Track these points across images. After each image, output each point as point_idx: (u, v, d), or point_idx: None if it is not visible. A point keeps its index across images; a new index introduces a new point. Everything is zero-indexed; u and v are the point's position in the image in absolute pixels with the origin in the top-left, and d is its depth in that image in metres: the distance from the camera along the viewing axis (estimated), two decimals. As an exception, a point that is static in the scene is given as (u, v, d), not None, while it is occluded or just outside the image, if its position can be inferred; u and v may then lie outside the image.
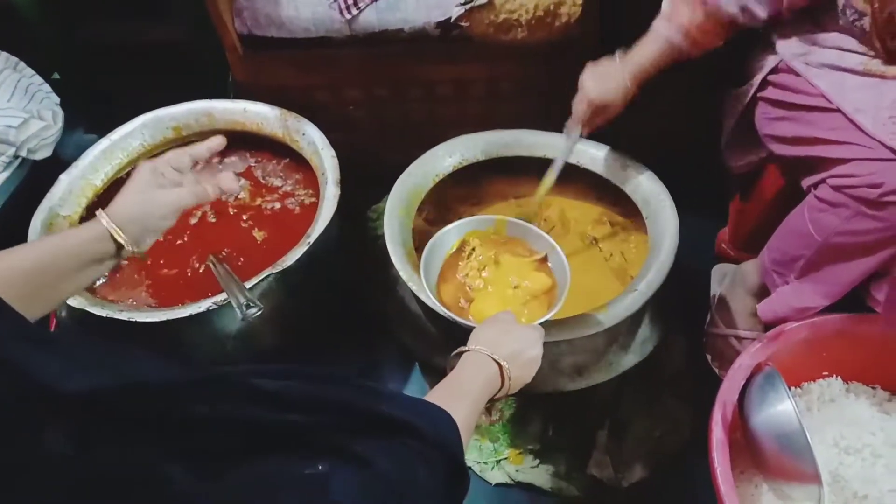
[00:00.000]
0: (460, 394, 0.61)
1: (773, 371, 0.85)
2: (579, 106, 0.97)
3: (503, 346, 0.66)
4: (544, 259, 0.87)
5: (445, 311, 0.82)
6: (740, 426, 0.87)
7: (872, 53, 0.80)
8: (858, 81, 0.80)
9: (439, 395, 0.60)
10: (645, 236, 1.07)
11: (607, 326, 0.85)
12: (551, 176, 1.01)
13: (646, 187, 1.01)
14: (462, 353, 0.67)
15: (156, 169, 0.69)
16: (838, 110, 0.80)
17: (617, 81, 0.93)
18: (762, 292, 1.00)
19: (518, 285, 0.88)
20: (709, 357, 1.09)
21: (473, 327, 0.72)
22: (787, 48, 0.87)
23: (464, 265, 0.89)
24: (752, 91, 0.92)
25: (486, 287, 0.87)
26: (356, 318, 1.14)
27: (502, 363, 0.65)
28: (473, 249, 0.89)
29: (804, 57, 0.85)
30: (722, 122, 1.07)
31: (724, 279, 1.12)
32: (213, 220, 1.09)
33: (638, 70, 0.93)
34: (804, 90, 0.84)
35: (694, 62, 1.18)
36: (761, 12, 0.85)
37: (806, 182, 0.86)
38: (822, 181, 0.82)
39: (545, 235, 0.86)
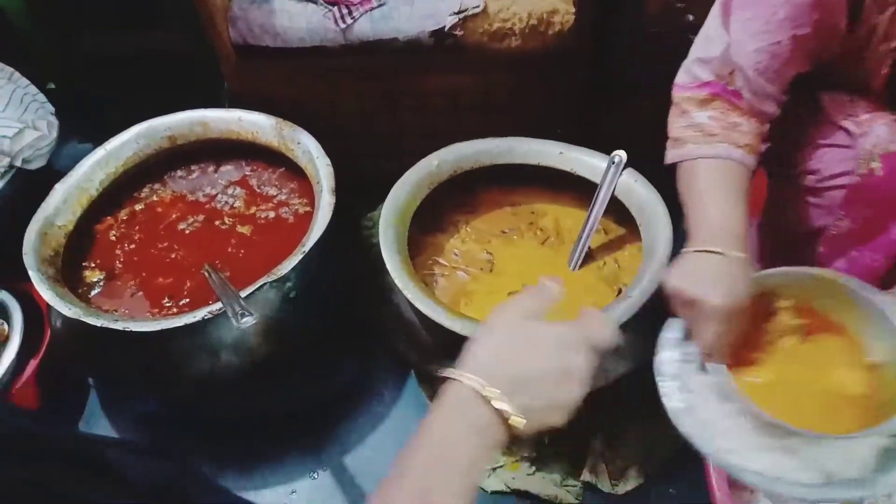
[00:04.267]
0: (440, 470, 0.43)
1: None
2: (708, 330, 0.69)
3: (505, 366, 0.46)
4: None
5: (441, 316, 0.82)
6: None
7: None
8: None
9: (413, 480, 0.43)
10: (639, 243, 1.07)
11: (602, 333, 0.85)
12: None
13: (640, 194, 1.02)
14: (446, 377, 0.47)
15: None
16: None
17: (739, 273, 0.69)
18: None
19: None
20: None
21: (465, 336, 0.68)
22: None
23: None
24: None
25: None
26: (351, 327, 1.14)
27: (497, 403, 0.45)
28: None
29: None
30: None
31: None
32: (208, 230, 1.09)
33: (743, 237, 0.72)
34: None
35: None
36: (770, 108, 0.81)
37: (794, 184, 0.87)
38: (816, 185, 0.83)
39: None
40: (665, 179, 1.06)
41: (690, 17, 1.11)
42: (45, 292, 0.92)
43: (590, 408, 1.02)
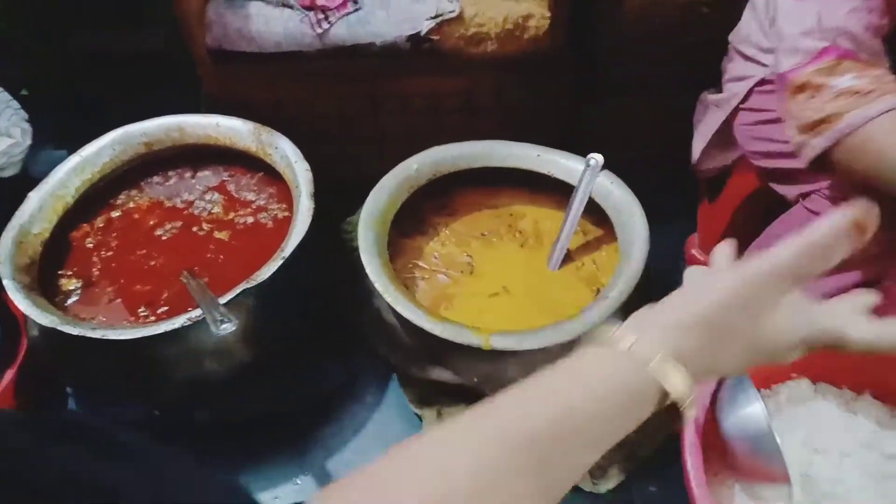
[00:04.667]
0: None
1: (742, 374, 0.87)
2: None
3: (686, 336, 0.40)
4: None
5: (422, 319, 0.83)
6: (713, 429, 0.89)
7: None
8: None
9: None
10: (615, 244, 1.08)
11: (580, 334, 0.87)
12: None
13: (616, 195, 1.03)
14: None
15: None
16: None
17: None
18: None
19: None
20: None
21: (446, 339, 0.68)
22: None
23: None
24: (737, 102, 0.93)
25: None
26: (333, 331, 1.14)
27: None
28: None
29: None
30: (692, 128, 1.09)
31: (694, 284, 1.14)
32: (186, 236, 1.08)
33: None
34: None
35: (663, 68, 1.21)
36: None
37: (793, 192, 0.85)
38: (814, 192, 0.82)
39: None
40: (642, 181, 1.08)
41: (705, 10, 1.11)
42: (21, 302, 0.91)
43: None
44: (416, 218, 1.15)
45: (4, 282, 0.93)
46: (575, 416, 0.37)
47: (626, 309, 0.91)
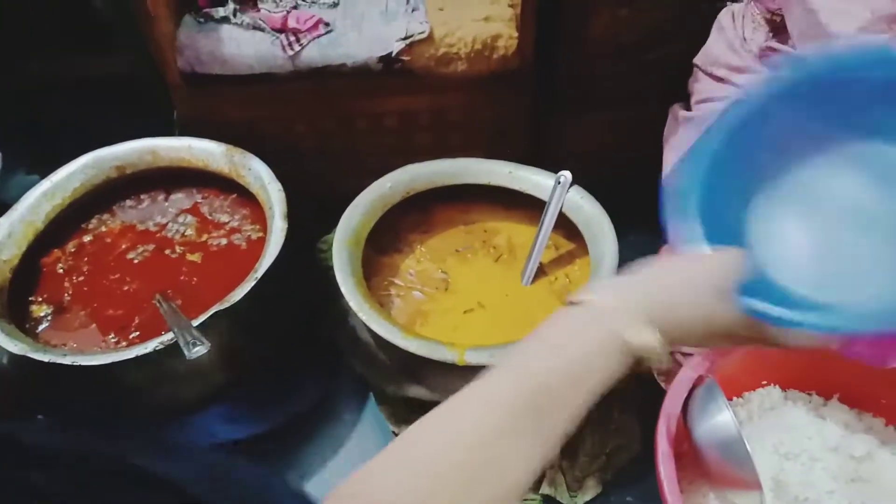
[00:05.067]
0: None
1: (712, 383, 0.88)
2: None
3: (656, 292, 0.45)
4: None
5: (396, 336, 0.83)
6: (686, 438, 0.90)
7: None
8: None
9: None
10: (587, 258, 1.10)
11: (553, 347, 0.87)
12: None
13: (586, 210, 1.05)
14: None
15: None
16: None
17: None
18: None
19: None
20: (654, 372, 1.12)
21: (421, 356, 0.70)
22: (748, 81, 0.89)
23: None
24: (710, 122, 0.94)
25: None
26: (309, 351, 1.14)
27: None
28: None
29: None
30: (660, 141, 1.11)
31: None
32: (159, 259, 1.08)
33: None
34: None
35: (626, 84, 1.23)
36: None
37: None
38: None
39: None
40: (611, 195, 1.10)
41: (668, 27, 1.12)
42: (-10, 330, 0.90)
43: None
44: (391, 236, 1.16)
45: (-27, 310, 0.92)
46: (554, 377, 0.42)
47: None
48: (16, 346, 0.88)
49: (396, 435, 1.07)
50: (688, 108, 1.03)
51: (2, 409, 1.05)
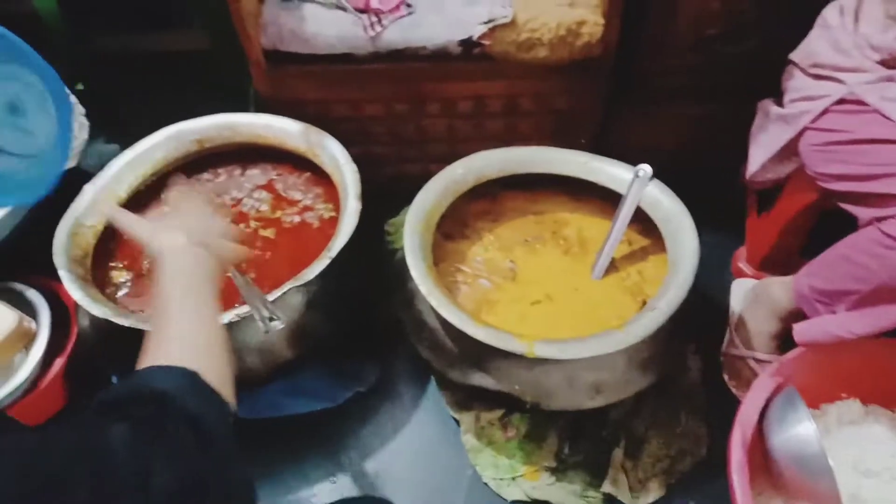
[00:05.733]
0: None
1: (792, 392, 0.85)
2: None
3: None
4: None
5: (467, 324, 0.83)
6: (759, 447, 0.87)
7: None
8: None
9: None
10: (662, 255, 1.07)
11: (627, 345, 0.86)
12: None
13: (665, 206, 1.02)
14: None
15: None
16: None
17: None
18: (791, 316, 0.98)
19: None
20: (726, 377, 1.09)
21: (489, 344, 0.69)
22: (857, 79, 0.85)
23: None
24: (807, 121, 0.90)
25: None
26: (372, 331, 1.15)
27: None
28: None
29: (879, 90, 0.82)
30: (738, 138, 1.07)
31: (743, 298, 1.12)
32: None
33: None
34: (874, 124, 0.82)
35: (706, 77, 1.19)
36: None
37: (869, 214, 0.82)
38: (893, 217, 0.78)
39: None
40: (683, 191, 1.06)
41: (752, 21, 1.09)
42: (75, 292, 0.93)
43: (611, 419, 1.03)
44: (459, 221, 1.15)
45: (60, 272, 0.95)
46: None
47: (673, 321, 0.89)
48: (100, 309, 0.91)
49: (456, 421, 1.07)
50: (780, 105, 0.98)
51: (81, 369, 1.09)
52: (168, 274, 0.61)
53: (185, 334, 0.56)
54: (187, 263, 0.63)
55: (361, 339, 1.12)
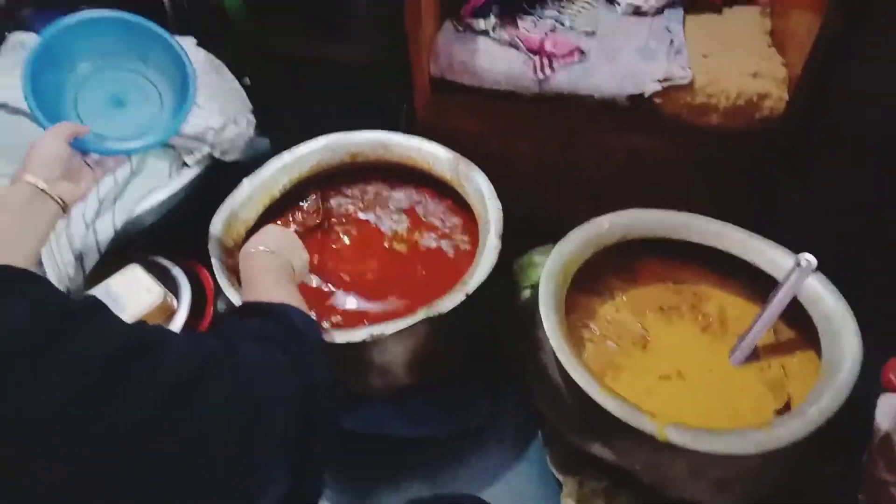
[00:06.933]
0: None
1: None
2: None
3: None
4: None
5: (594, 389, 0.79)
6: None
7: None
8: None
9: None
10: (810, 352, 0.99)
11: (770, 448, 0.79)
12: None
13: (828, 304, 0.94)
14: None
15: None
16: None
17: None
18: None
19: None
20: (861, 497, 0.99)
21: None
22: None
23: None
24: None
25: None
26: (490, 369, 1.13)
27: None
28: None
29: None
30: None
31: (894, 415, 1.02)
32: (367, 246, 1.12)
33: None
34: None
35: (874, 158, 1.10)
36: None
37: None
38: None
39: None
40: (837, 280, 0.97)
41: None
42: (223, 281, 0.97)
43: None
44: (593, 276, 1.11)
45: (213, 260, 1.00)
46: None
47: (824, 430, 0.82)
48: (239, 298, 0.94)
49: (558, 481, 1.03)
50: None
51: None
52: (246, 268, 0.82)
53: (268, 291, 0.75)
54: (263, 259, 0.82)
55: (478, 375, 1.11)
